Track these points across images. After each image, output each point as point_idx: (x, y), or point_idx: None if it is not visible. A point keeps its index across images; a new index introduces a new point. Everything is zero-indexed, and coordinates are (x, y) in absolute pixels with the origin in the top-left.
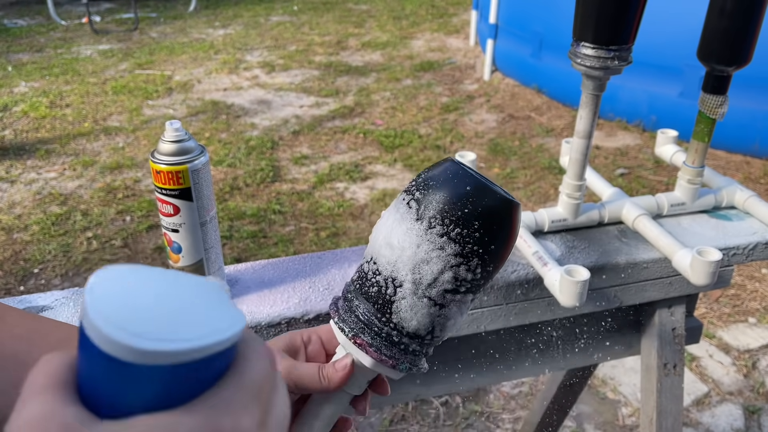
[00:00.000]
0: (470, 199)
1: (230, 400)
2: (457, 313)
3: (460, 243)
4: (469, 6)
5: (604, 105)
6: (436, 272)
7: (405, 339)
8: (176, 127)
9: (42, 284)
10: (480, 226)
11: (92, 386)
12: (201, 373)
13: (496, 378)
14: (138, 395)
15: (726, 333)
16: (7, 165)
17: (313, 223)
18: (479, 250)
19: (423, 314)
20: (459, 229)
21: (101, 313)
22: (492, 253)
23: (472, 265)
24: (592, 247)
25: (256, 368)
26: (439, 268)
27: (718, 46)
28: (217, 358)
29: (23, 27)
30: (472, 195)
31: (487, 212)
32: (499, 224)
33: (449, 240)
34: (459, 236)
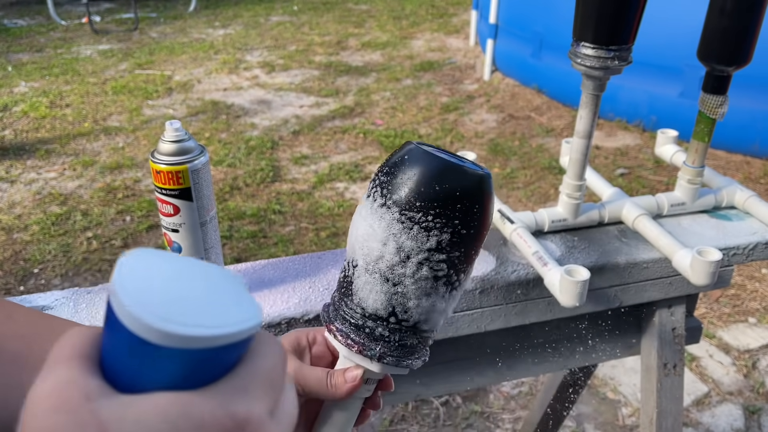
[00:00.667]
0: (420, 176)
1: (244, 387)
2: (419, 295)
3: (418, 222)
4: (469, 6)
5: (604, 105)
6: (381, 246)
7: (369, 322)
8: (176, 127)
9: (42, 284)
10: (434, 205)
11: (115, 362)
12: (219, 360)
13: (496, 378)
14: (158, 375)
15: (726, 333)
16: (7, 165)
17: (313, 223)
18: (438, 228)
19: (376, 291)
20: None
21: (131, 294)
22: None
23: (420, 239)
24: (592, 247)
25: (269, 360)
26: (382, 239)
27: (718, 46)
28: (235, 347)
29: (23, 27)
30: (427, 173)
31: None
32: (455, 202)
33: (400, 216)
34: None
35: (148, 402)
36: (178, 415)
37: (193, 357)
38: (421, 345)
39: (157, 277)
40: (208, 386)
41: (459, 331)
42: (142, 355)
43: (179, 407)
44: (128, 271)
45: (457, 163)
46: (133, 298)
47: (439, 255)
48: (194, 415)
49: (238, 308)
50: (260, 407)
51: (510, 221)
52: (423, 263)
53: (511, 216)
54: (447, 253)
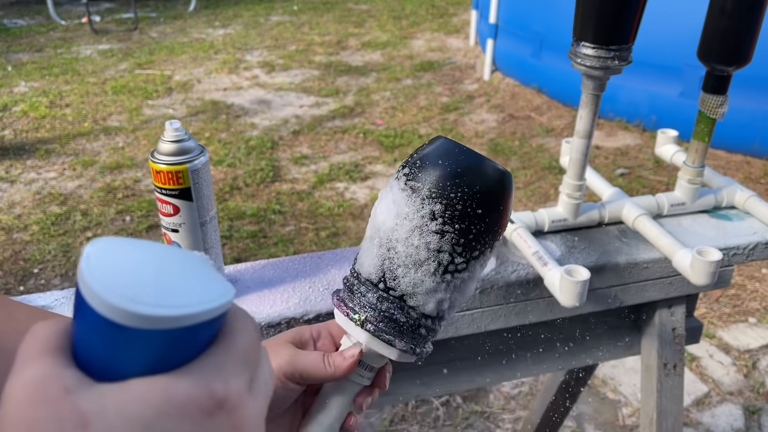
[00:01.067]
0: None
1: (221, 364)
2: (408, 263)
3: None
4: (469, 6)
5: (604, 105)
6: (385, 212)
7: (362, 287)
8: (176, 127)
9: (42, 284)
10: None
11: (88, 351)
12: (193, 339)
13: (496, 378)
14: (133, 359)
15: (726, 333)
16: (7, 165)
17: (313, 223)
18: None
19: (372, 255)
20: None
21: (99, 278)
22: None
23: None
24: (592, 247)
25: (244, 336)
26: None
27: (718, 46)
28: (208, 325)
29: (23, 27)
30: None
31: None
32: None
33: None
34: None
35: (127, 390)
36: (159, 400)
37: (166, 337)
38: (410, 327)
39: (124, 261)
40: (184, 366)
41: (459, 331)
42: (115, 340)
43: (159, 392)
44: (95, 257)
45: (481, 156)
46: (101, 282)
47: (432, 224)
48: (174, 397)
49: (209, 287)
50: (238, 383)
51: (510, 221)
52: (415, 230)
53: (511, 216)
54: (441, 224)
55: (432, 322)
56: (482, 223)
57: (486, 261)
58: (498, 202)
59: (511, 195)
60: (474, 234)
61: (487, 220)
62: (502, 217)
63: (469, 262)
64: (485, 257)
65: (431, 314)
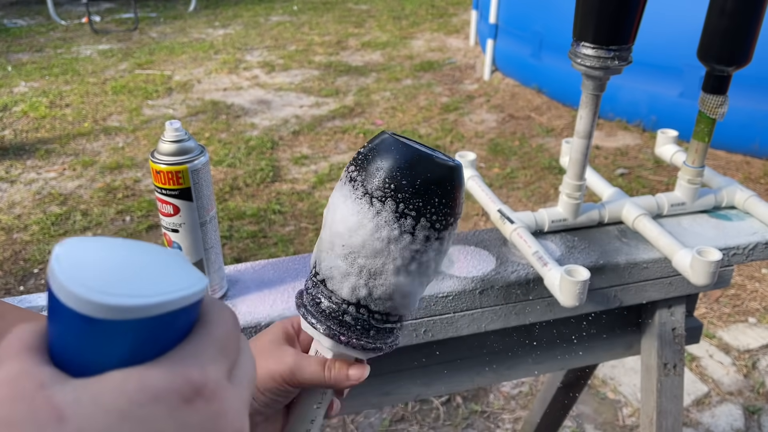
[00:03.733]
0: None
1: (197, 352)
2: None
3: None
4: (469, 6)
5: (604, 105)
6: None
7: (308, 281)
8: (176, 127)
9: (42, 284)
10: None
11: (63, 348)
12: (167, 328)
13: (496, 378)
14: (108, 352)
15: (726, 333)
16: (7, 165)
17: (313, 223)
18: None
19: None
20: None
21: (68, 274)
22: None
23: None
24: (592, 247)
25: (220, 324)
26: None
27: (718, 46)
28: (182, 313)
29: (23, 27)
30: (407, 164)
31: None
32: None
33: None
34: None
35: (102, 381)
36: (134, 389)
37: (139, 328)
38: (337, 312)
39: (94, 256)
40: (162, 356)
41: (459, 331)
42: (88, 333)
43: (134, 381)
44: (65, 255)
45: (427, 152)
46: (70, 277)
47: (382, 220)
48: (150, 385)
49: (181, 277)
50: (215, 370)
51: (510, 221)
52: (367, 228)
53: (511, 216)
54: (392, 221)
55: (339, 296)
56: (431, 214)
57: (440, 252)
58: (445, 193)
59: (459, 186)
60: (424, 225)
61: (435, 211)
62: (453, 207)
63: (423, 253)
64: (439, 248)
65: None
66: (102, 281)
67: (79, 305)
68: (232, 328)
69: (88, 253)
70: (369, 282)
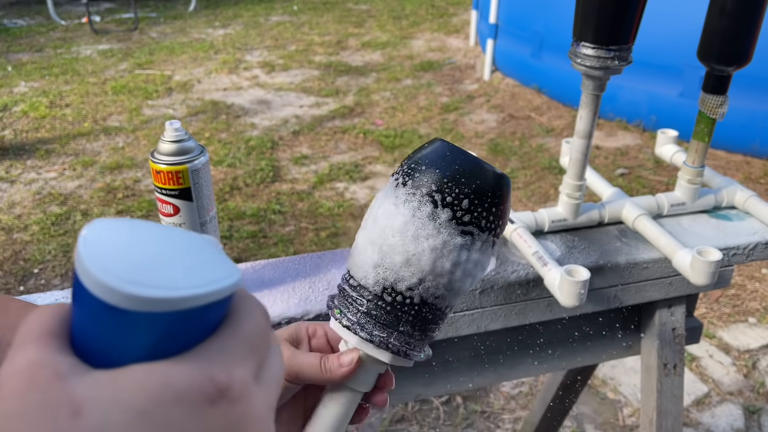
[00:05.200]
0: (465, 177)
1: (225, 350)
2: (409, 264)
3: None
4: (469, 6)
5: (604, 105)
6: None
7: (348, 287)
8: (176, 127)
9: (42, 284)
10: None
11: (86, 336)
12: (195, 323)
13: (496, 378)
14: (132, 345)
15: (726, 333)
16: (7, 165)
17: (313, 223)
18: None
19: (369, 259)
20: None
21: (96, 260)
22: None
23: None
24: (592, 247)
25: (251, 321)
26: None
27: (718, 46)
28: (212, 308)
29: (23, 27)
30: (466, 172)
31: (478, 189)
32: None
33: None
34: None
35: (124, 376)
36: (156, 387)
37: (166, 321)
38: (396, 325)
39: (123, 241)
40: (187, 351)
41: (459, 331)
42: (113, 324)
43: (157, 378)
44: (93, 238)
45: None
46: (97, 264)
47: (431, 226)
48: (173, 383)
49: (213, 269)
50: (242, 371)
51: (510, 221)
52: (414, 232)
53: (511, 216)
54: (440, 226)
55: (430, 324)
56: (481, 223)
57: (486, 261)
58: (497, 203)
59: (509, 197)
60: (473, 234)
61: (486, 221)
62: (501, 218)
63: (467, 262)
64: (485, 257)
65: (446, 315)
66: (130, 269)
67: (105, 293)
68: (262, 325)
69: (117, 237)
70: (441, 295)
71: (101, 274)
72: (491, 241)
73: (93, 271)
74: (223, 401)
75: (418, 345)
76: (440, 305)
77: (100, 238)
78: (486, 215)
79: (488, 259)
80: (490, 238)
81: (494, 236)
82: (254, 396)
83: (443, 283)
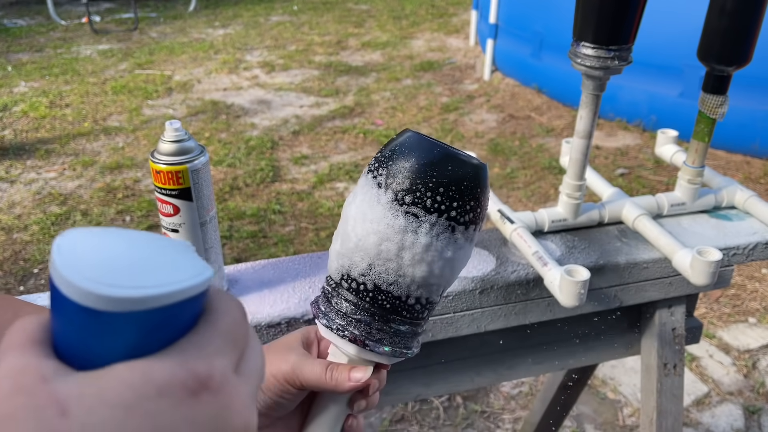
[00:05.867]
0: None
1: (203, 344)
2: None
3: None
4: (469, 6)
5: (604, 105)
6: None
7: (326, 286)
8: (176, 127)
9: (42, 284)
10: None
11: (66, 340)
12: (172, 320)
13: (496, 378)
14: (111, 345)
15: (726, 333)
16: (7, 165)
17: (313, 223)
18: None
19: (348, 257)
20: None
21: (69, 265)
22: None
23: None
24: (592, 247)
25: (227, 316)
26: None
27: (718, 46)
28: (187, 304)
29: (23, 27)
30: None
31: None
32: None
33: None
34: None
35: (106, 374)
36: (139, 383)
37: (142, 320)
38: (354, 312)
39: (96, 246)
40: (166, 348)
41: (459, 331)
42: (91, 326)
43: (139, 374)
44: (66, 246)
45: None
46: (71, 268)
47: (408, 217)
48: (155, 378)
49: (185, 267)
50: (222, 362)
51: (510, 221)
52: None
53: (511, 216)
54: (418, 217)
55: (415, 317)
56: (426, 203)
57: (448, 248)
58: (443, 182)
59: (461, 177)
60: (418, 216)
61: (433, 202)
62: (457, 200)
63: (415, 246)
64: (443, 243)
65: (412, 307)
66: (104, 272)
67: (81, 297)
68: (239, 319)
69: (90, 243)
70: (394, 281)
71: (75, 278)
72: (447, 225)
73: (67, 276)
74: (204, 392)
75: (381, 337)
76: (396, 293)
77: (73, 245)
78: (431, 195)
79: (451, 246)
80: (443, 222)
81: (451, 220)
82: (235, 387)
83: (392, 267)
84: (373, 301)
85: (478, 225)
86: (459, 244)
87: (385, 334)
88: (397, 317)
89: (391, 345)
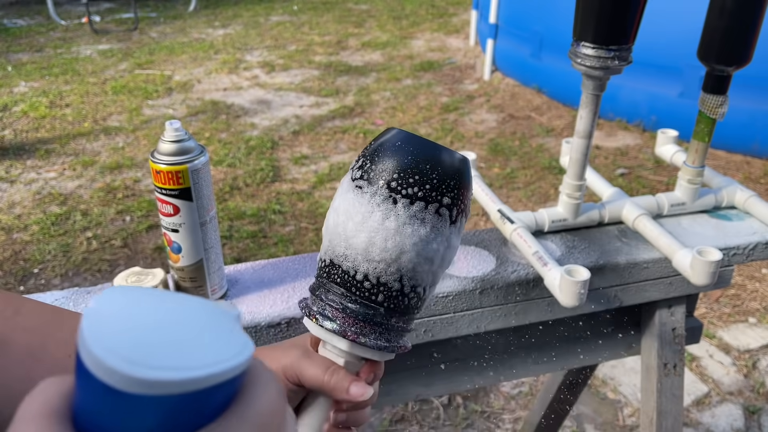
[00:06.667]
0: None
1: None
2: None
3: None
4: (469, 6)
5: (604, 105)
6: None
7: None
8: (176, 127)
9: (42, 284)
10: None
11: (88, 416)
12: (202, 404)
13: (496, 378)
14: (134, 427)
15: (726, 333)
16: (7, 165)
17: (313, 223)
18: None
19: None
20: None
21: (99, 339)
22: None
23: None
24: (592, 247)
25: (262, 400)
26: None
27: (718, 46)
28: (219, 388)
29: (23, 27)
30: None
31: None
32: None
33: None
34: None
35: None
36: None
37: (171, 404)
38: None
39: (130, 317)
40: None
41: (459, 331)
42: (115, 407)
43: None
44: (98, 314)
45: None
46: (99, 342)
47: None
48: None
49: (224, 344)
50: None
51: (510, 221)
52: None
53: (511, 216)
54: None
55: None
56: (370, 176)
57: (450, 244)
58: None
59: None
60: (362, 188)
61: (448, 204)
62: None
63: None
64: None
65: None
66: (135, 348)
67: (107, 375)
68: (275, 403)
69: (123, 310)
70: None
71: (102, 353)
72: (386, 195)
73: (95, 352)
74: None
75: (365, 330)
76: (349, 270)
77: (105, 311)
78: (371, 166)
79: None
80: (382, 191)
81: (392, 191)
82: None
83: (342, 244)
84: (329, 276)
85: (439, 201)
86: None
87: (372, 326)
88: (380, 308)
89: (379, 338)
